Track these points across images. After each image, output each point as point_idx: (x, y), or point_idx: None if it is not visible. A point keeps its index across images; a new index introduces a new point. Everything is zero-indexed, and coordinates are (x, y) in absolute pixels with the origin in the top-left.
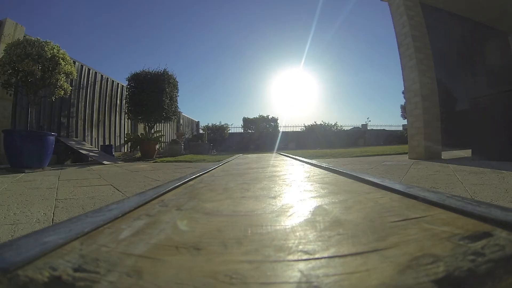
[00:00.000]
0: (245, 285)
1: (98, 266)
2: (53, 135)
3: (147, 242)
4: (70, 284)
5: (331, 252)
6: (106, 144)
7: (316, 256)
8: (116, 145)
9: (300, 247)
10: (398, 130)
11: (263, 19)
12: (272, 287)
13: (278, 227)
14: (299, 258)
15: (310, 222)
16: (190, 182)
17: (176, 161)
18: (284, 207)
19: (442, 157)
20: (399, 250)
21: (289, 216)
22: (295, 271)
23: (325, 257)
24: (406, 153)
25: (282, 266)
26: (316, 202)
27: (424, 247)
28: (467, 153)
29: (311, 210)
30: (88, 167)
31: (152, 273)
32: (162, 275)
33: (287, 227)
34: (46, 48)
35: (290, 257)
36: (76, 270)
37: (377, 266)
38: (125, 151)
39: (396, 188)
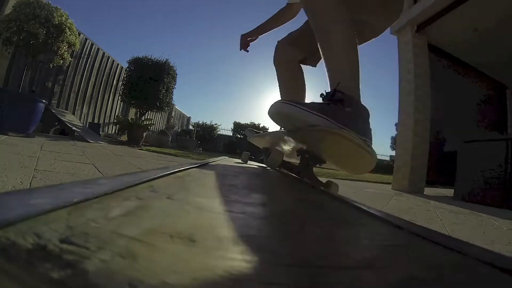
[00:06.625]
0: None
1: (88, 241)
2: (43, 102)
3: (139, 225)
4: (56, 255)
5: (324, 261)
6: (94, 122)
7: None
8: (105, 125)
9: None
10: (385, 160)
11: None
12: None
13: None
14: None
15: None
16: (179, 174)
17: (161, 153)
18: (272, 212)
19: (425, 193)
20: (389, 270)
21: (278, 220)
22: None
23: (319, 266)
24: (390, 183)
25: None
26: (302, 212)
27: (412, 271)
28: (449, 192)
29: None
30: (73, 142)
31: (147, 257)
32: (157, 261)
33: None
34: (55, 14)
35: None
36: (62, 241)
37: (370, 280)
38: (112, 132)
39: (380, 216)
